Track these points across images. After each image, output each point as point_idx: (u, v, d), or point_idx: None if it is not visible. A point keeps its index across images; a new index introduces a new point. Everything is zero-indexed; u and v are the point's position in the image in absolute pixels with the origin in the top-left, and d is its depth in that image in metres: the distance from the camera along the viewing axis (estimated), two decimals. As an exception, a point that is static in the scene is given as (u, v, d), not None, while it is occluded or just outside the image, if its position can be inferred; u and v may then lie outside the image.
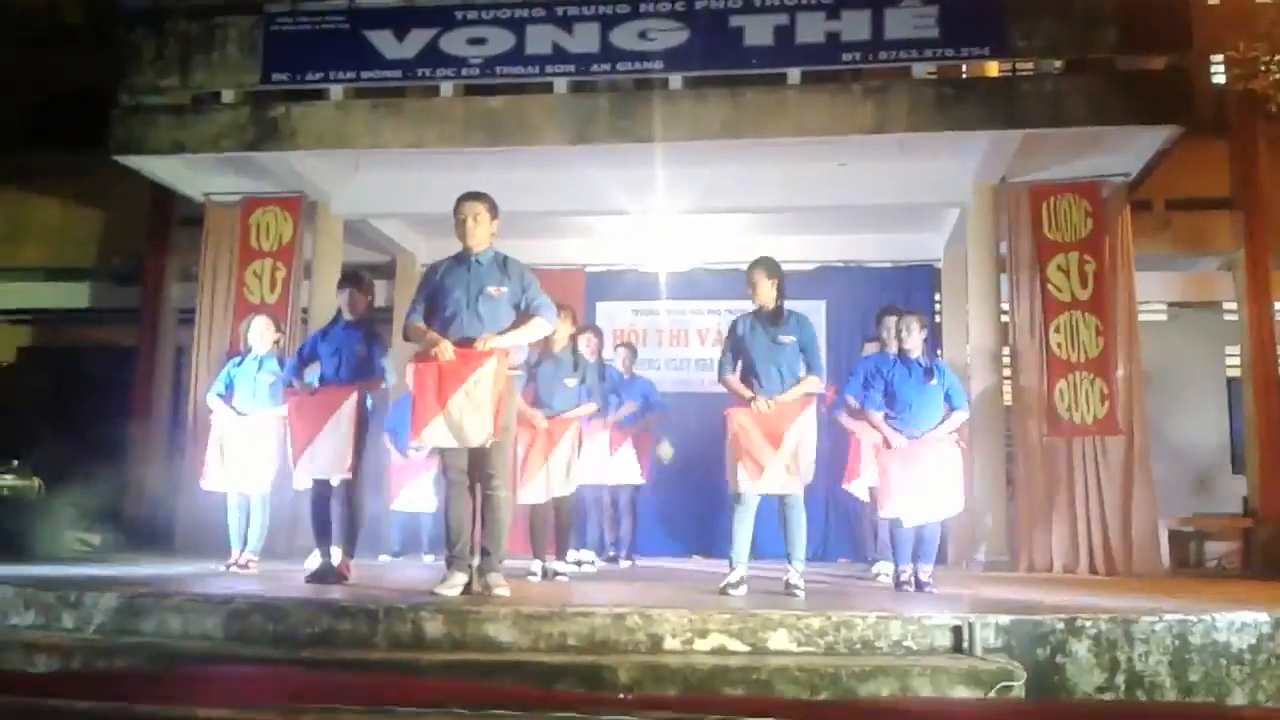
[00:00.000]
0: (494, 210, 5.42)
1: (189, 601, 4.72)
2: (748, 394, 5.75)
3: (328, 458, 6.01)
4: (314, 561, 6.21)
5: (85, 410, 10.87)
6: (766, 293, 5.86)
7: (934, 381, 6.28)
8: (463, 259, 5.40)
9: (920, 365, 6.32)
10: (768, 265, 5.91)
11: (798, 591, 5.48)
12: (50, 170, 11.09)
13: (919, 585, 6.09)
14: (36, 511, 8.88)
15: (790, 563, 5.65)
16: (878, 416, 6.30)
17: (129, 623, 4.68)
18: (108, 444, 10.04)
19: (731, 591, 5.50)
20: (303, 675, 4.02)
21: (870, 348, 7.64)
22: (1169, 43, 7.99)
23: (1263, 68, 7.86)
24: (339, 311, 6.39)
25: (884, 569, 7.05)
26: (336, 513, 6.20)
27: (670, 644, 4.31)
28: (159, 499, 9.64)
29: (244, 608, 4.60)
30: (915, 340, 6.33)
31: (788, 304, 5.97)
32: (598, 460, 7.56)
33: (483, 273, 5.33)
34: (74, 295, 11.43)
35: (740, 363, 5.89)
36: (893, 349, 6.65)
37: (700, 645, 4.32)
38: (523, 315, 5.35)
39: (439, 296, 5.35)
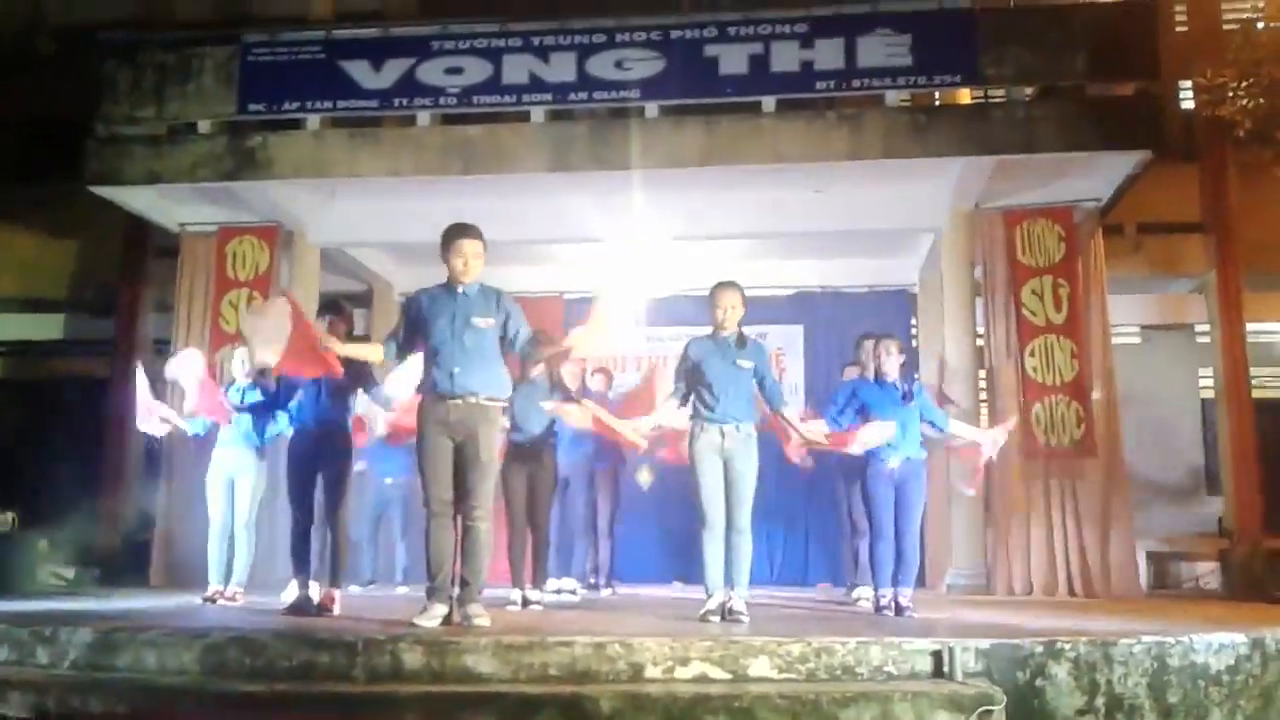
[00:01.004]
0: (484, 244, 5.41)
1: (165, 636, 4.65)
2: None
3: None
4: (291, 593, 6.16)
5: (59, 443, 10.79)
6: (736, 315, 5.84)
7: (912, 404, 6.31)
8: (449, 289, 5.32)
9: (896, 388, 6.35)
10: (741, 288, 5.90)
11: (742, 617, 5.47)
12: (24, 201, 11.05)
13: (899, 609, 6.09)
14: (10, 546, 8.78)
15: (734, 588, 5.64)
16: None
17: (104, 658, 4.61)
18: (82, 476, 9.95)
19: (711, 619, 5.49)
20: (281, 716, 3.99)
21: (850, 372, 7.68)
22: (1138, 69, 8.12)
23: (1230, 93, 7.99)
24: None
25: (864, 594, 7.06)
26: (318, 543, 6.16)
27: (651, 672, 4.28)
28: (134, 532, 9.56)
29: (221, 641, 4.54)
30: (893, 363, 6.36)
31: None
32: None
33: (469, 304, 5.26)
34: (48, 327, 11.36)
35: (690, 388, 5.81)
36: (871, 372, 6.69)
37: (681, 673, 4.29)
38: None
39: (423, 326, 5.29)
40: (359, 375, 6.01)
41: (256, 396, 7.05)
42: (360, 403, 6.21)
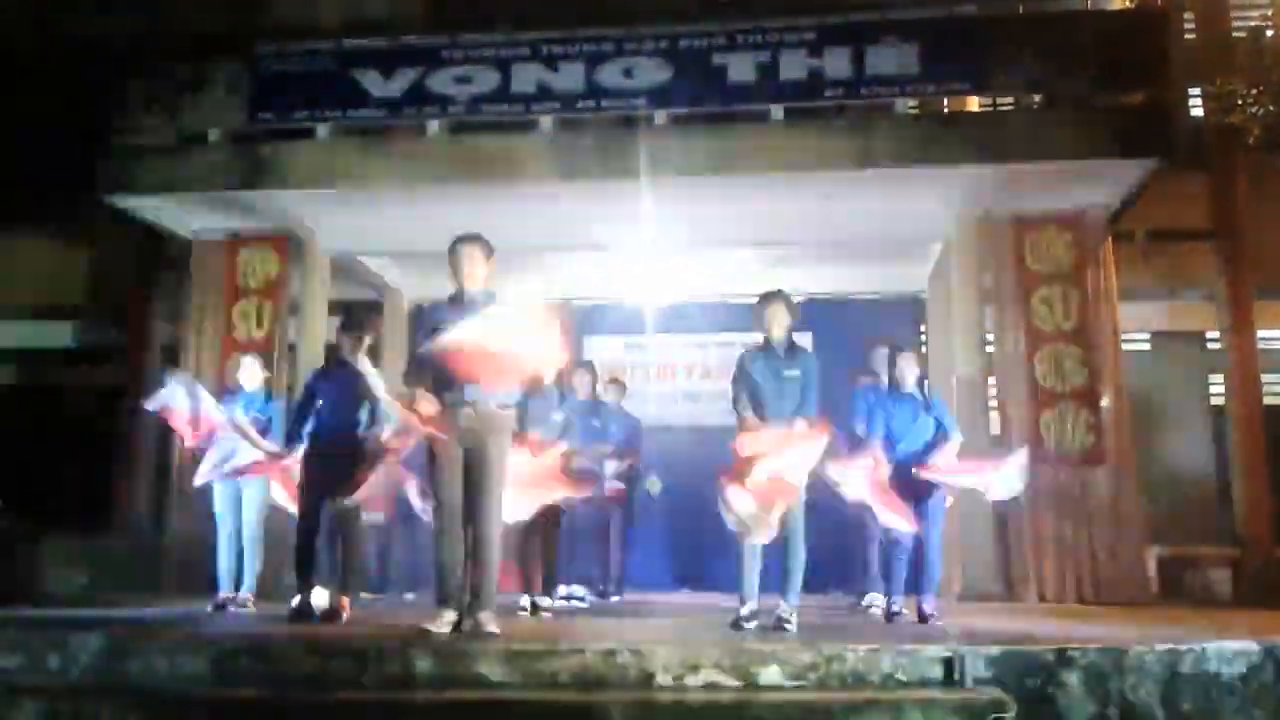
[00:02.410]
0: (489, 251, 5.43)
1: (176, 643, 4.67)
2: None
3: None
4: (300, 600, 6.17)
5: (71, 450, 10.82)
6: (783, 325, 5.86)
7: (930, 414, 6.33)
8: (459, 299, 5.36)
9: (915, 398, 6.37)
10: (787, 298, 5.92)
11: (788, 626, 5.46)
12: (38, 210, 11.09)
13: (922, 616, 6.07)
14: (22, 553, 8.81)
15: (786, 596, 5.62)
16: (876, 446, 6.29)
17: (116, 665, 4.63)
18: (93, 484, 9.98)
19: (745, 625, 5.47)
20: None
21: (862, 379, 7.68)
22: (1147, 77, 8.11)
23: (1240, 101, 8.00)
24: (338, 351, 6.38)
25: (875, 600, 7.04)
26: (330, 550, 6.18)
27: (662, 679, 4.29)
28: (145, 538, 9.58)
29: (232, 648, 4.56)
30: (911, 375, 6.38)
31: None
32: None
33: (475, 310, 5.29)
34: (61, 334, 11.39)
35: (750, 397, 5.83)
36: (885, 380, 6.70)
37: (692, 680, 4.29)
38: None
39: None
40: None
41: (260, 404, 7.14)
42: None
